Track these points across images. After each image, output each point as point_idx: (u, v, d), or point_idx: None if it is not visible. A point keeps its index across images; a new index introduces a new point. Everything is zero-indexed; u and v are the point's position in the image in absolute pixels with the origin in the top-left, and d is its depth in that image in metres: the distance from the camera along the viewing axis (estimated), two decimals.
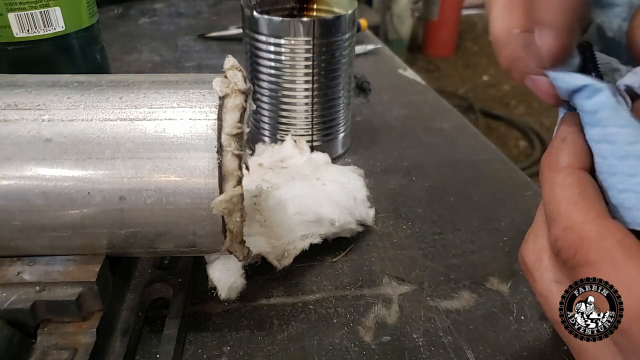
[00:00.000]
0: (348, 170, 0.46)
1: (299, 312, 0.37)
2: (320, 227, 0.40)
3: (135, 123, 0.28)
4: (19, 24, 0.42)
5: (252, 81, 0.51)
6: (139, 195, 0.28)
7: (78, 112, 0.28)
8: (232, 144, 0.28)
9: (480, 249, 0.43)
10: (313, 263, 0.41)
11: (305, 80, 0.49)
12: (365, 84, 0.71)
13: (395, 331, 0.36)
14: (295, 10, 0.55)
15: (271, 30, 0.47)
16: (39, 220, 0.28)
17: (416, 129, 0.63)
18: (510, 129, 2.35)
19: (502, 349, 0.34)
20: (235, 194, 0.28)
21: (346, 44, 0.49)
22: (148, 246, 0.30)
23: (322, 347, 0.34)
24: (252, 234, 0.38)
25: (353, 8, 0.49)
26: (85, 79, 0.31)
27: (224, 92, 0.29)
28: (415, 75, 0.78)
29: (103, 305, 0.31)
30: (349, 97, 0.54)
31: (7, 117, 0.28)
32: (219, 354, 0.34)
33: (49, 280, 0.30)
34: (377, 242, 0.44)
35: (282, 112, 0.51)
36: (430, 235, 0.45)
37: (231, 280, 0.35)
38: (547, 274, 0.25)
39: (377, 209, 0.46)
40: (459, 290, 0.39)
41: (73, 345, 0.29)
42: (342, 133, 0.55)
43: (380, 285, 0.39)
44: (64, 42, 0.45)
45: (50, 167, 0.27)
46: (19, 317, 0.29)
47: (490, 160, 0.57)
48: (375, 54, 0.85)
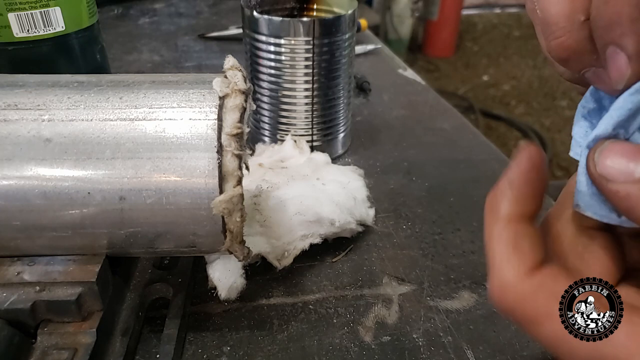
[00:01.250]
0: (348, 170, 0.46)
1: (299, 312, 0.37)
2: (320, 227, 0.40)
3: (135, 123, 0.28)
4: (19, 24, 0.42)
5: (252, 81, 0.51)
6: (139, 195, 0.28)
7: (78, 112, 0.28)
8: (232, 144, 0.28)
9: (480, 249, 0.43)
10: (313, 263, 0.41)
11: (305, 80, 0.49)
12: (365, 84, 0.71)
13: (395, 331, 0.36)
14: (295, 10, 0.55)
15: (271, 30, 0.47)
16: (39, 220, 0.28)
17: (416, 129, 0.63)
18: (510, 129, 2.35)
19: (502, 349, 0.34)
20: (235, 194, 0.28)
21: (346, 44, 0.49)
22: (148, 246, 0.30)
23: (322, 347, 0.34)
24: (252, 234, 0.38)
25: (353, 8, 0.49)
26: (85, 79, 0.31)
27: (224, 92, 0.29)
28: (415, 75, 0.78)
29: (103, 305, 0.31)
30: (349, 97, 0.54)
31: (7, 117, 0.28)
32: (219, 354, 0.34)
33: (49, 280, 0.30)
34: (377, 242, 0.44)
35: (282, 112, 0.51)
36: (430, 235, 0.45)
37: (231, 280, 0.35)
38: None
39: (377, 209, 0.46)
40: (459, 290, 0.39)
41: (73, 345, 0.29)
42: (342, 133, 0.55)
43: (380, 285, 0.39)
44: (64, 42, 0.45)
45: (50, 167, 0.27)
46: (19, 317, 0.29)
47: (490, 160, 0.57)
48: (375, 54, 0.85)
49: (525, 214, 0.23)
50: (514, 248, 0.22)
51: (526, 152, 0.24)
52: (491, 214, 0.23)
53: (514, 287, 0.22)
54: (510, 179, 0.23)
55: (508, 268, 0.22)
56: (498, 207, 0.23)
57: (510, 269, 0.22)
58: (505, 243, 0.23)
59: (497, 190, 0.24)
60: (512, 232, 0.23)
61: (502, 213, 0.23)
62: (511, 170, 0.24)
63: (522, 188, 0.23)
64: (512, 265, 0.22)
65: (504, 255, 0.23)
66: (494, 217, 0.23)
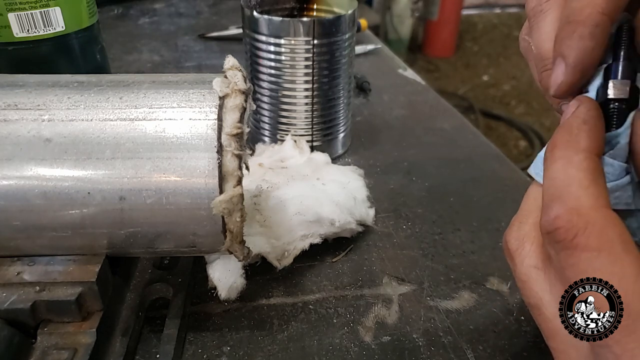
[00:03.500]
0: (348, 170, 0.46)
1: (299, 312, 0.37)
2: (320, 227, 0.40)
3: (135, 123, 0.28)
4: (19, 24, 0.42)
5: (252, 81, 0.51)
6: (139, 195, 0.28)
7: (78, 112, 0.28)
8: (232, 144, 0.28)
9: (480, 249, 0.43)
10: (313, 263, 0.41)
11: (305, 80, 0.49)
12: (365, 84, 0.71)
13: (395, 331, 0.36)
14: (295, 10, 0.55)
15: (271, 30, 0.47)
16: (39, 220, 0.28)
17: (416, 129, 0.63)
18: (510, 129, 2.35)
19: (502, 349, 0.34)
20: (235, 194, 0.28)
21: (346, 44, 0.49)
22: (148, 246, 0.30)
23: (322, 347, 0.34)
24: (252, 234, 0.38)
25: (353, 8, 0.49)
26: (85, 79, 0.31)
27: (224, 92, 0.29)
28: (415, 75, 0.78)
29: (103, 305, 0.31)
30: (349, 97, 0.54)
31: (7, 117, 0.28)
32: (219, 354, 0.34)
33: (49, 280, 0.30)
34: (377, 242, 0.44)
35: (282, 112, 0.51)
36: (430, 235, 0.45)
37: (231, 280, 0.35)
38: (528, 259, 0.26)
39: (377, 209, 0.46)
40: (459, 290, 0.39)
41: (73, 345, 0.29)
42: (342, 133, 0.55)
43: (380, 285, 0.39)
44: (64, 42, 0.45)
45: (50, 167, 0.27)
46: (19, 317, 0.29)
47: (490, 160, 0.57)
48: (375, 54, 0.85)
49: (600, 152, 0.24)
50: (594, 180, 0.23)
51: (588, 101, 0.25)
52: (567, 146, 0.24)
53: (589, 211, 0.22)
54: (583, 118, 0.24)
55: (587, 195, 0.22)
56: (577, 140, 0.24)
57: (589, 196, 0.22)
58: (585, 173, 0.23)
59: (571, 128, 0.24)
60: (593, 164, 0.23)
61: (583, 145, 0.23)
62: (580, 111, 0.24)
63: (598, 126, 0.24)
64: (591, 193, 0.22)
65: (584, 183, 0.22)
66: (573, 148, 0.23)
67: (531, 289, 0.25)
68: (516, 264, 0.26)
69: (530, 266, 0.26)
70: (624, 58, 0.25)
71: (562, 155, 0.24)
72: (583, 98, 0.25)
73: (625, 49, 0.25)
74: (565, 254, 0.22)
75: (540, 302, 0.25)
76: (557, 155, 0.24)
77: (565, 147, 0.24)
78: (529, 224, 0.27)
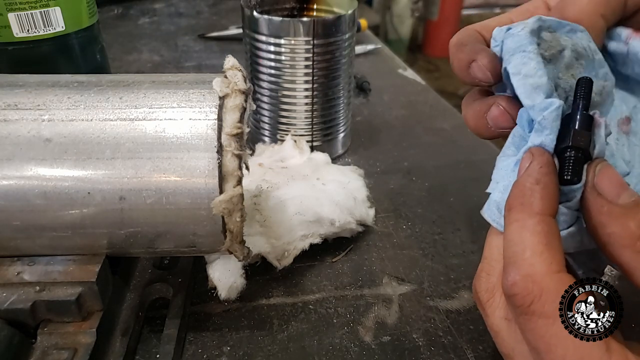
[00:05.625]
0: (348, 170, 0.46)
1: (299, 312, 0.37)
2: (320, 227, 0.40)
3: (135, 123, 0.28)
4: (19, 24, 0.42)
5: (252, 81, 0.51)
6: (139, 195, 0.28)
7: (78, 112, 0.28)
8: (232, 144, 0.28)
9: (480, 249, 0.43)
10: (313, 263, 0.41)
11: (305, 80, 0.49)
12: (365, 84, 0.71)
13: (395, 331, 0.36)
14: (295, 10, 0.55)
15: (271, 30, 0.47)
16: (39, 220, 0.28)
17: (416, 129, 0.63)
18: None
19: None
20: (235, 194, 0.28)
21: (346, 44, 0.49)
22: (148, 246, 0.30)
23: (322, 347, 0.34)
24: (252, 234, 0.38)
25: (353, 8, 0.49)
26: (85, 79, 0.31)
27: (224, 92, 0.29)
28: (415, 75, 0.78)
29: (103, 305, 0.31)
30: (349, 97, 0.54)
31: (7, 117, 0.28)
32: (219, 354, 0.34)
33: (49, 280, 0.30)
34: (377, 242, 0.44)
35: (282, 112, 0.51)
36: (430, 235, 0.45)
37: (231, 280, 0.35)
38: (499, 311, 0.27)
39: (377, 209, 0.46)
40: (459, 290, 0.39)
41: (73, 345, 0.29)
42: (342, 133, 0.55)
43: (380, 285, 0.39)
44: (64, 42, 0.45)
45: (50, 167, 0.27)
46: (19, 317, 0.29)
47: (490, 160, 0.56)
48: (375, 54, 0.85)
49: (553, 212, 0.24)
50: (548, 244, 0.23)
51: (541, 156, 0.25)
52: (522, 209, 0.24)
53: (542, 278, 0.22)
54: (536, 178, 0.24)
55: (540, 261, 0.23)
56: (531, 203, 0.24)
57: (542, 263, 0.23)
58: (539, 237, 0.23)
59: (524, 189, 0.24)
60: (546, 227, 0.23)
61: (536, 208, 0.24)
62: (532, 169, 0.25)
63: (550, 186, 0.24)
64: (544, 259, 0.23)
65: (537, 249, 0.23)
66: (527, 212, 0.24)
67: (503, 340, 0.26)
68: (487, 315, 0.27)
69: (502, 318, 0.26)
70: (583, 108, 0.26)
71: (517, 218, 0.24)
72: (535, 151, 0.25)
73: (584, 101, 0.26)
74: (523, 318, 0.23)
75: (512, 353, 0.26)
76: (513, 218, 0.24)
77: (519, 210, 0.24)
78: (495, 275, 0.27)
